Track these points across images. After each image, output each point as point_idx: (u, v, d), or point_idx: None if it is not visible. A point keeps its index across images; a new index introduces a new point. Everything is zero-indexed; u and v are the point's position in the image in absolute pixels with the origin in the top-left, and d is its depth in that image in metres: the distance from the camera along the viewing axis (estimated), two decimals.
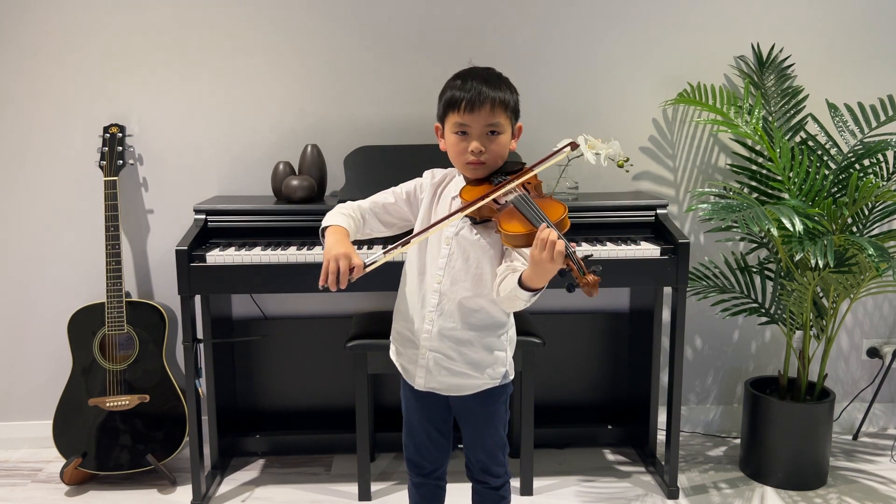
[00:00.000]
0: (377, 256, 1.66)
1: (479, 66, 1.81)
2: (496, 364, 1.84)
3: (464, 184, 1.80)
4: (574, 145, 1.77)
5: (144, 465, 2.73)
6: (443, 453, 1.99)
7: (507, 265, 1.71)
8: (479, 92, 1.70)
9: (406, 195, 1.89)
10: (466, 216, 1.72)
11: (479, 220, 1.74)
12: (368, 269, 1.67)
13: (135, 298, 2.89)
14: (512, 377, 1.90)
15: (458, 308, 1.79)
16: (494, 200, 1.69)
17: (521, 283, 1.61)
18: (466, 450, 1.96)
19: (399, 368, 1.94)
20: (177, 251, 2.44)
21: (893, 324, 3.18)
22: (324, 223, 1.82)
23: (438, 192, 1.86)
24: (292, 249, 2.51)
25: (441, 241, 1.80)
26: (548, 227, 1.54)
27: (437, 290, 1.79)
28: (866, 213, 2.72)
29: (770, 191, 2.78)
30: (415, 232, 1.81)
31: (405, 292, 1.89)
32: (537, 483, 2.71)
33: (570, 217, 1.64)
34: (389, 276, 1.98)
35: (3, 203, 2.93)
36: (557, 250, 1.50)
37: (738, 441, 2.99)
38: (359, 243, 2.55)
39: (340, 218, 1.81)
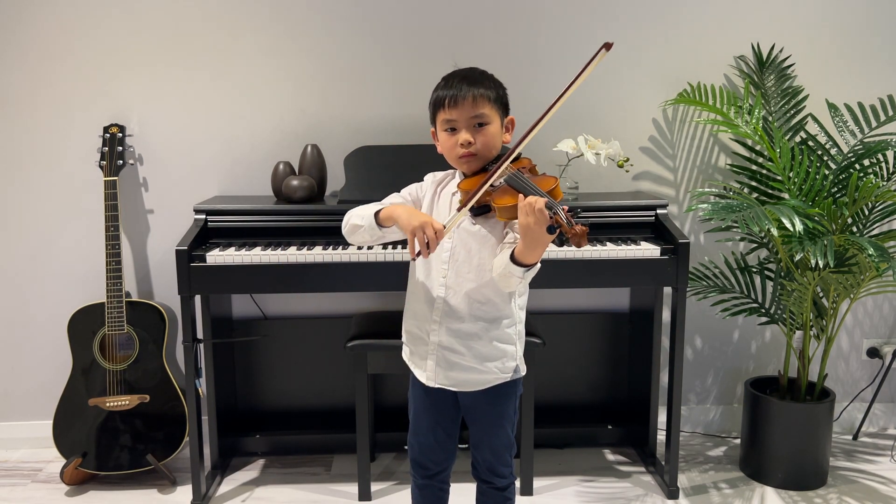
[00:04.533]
0: (451, 217, 1.73)
1: (466, 66, 1.86)
2: (505, 358, 1.85)
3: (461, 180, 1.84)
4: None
5: (144, 465, 2.73)
6: (448, 455, 1.99)
7: (505, 242, 1.75)
8: (459, 87, 1.76)
9: (410, 197, 1.93)
10: (466, 207, 1.75)
11: (478, 209, 1.77)
12: (448, 230, 1.71)
13: (135, 298, 2.89)
14: (523, 373, 1.90)
15: (465, 301, 1.80)
16: (491, 185, 1.72)
17: (513, 259, 1.64)
18: (473, 449, 1.97)
19: (410, 367, 1.95)
20: (177, 251, 2.44)
21: (893, 324, 3.18)
22: (368, 211, 1.83)
23: (438, 190, 1.90)
24: (292, 249, 2.51)
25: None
26: (533, 194, 1.58)
27: (442, 283, 1.82)
28: (866, 213, 2.72)
29: (770, 191, 2.78)
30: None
31: (412, 289, 1.91)
32: (537, 483, 2.71)
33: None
34: (389, 276, 1.98)
35: (4, 203, 2.93)
36: (539, 207, 1.53)
37: (738, 441, 2.99)
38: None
39: (393, 198, 1.86)
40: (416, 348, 1.91)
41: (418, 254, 1.71)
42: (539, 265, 1.67)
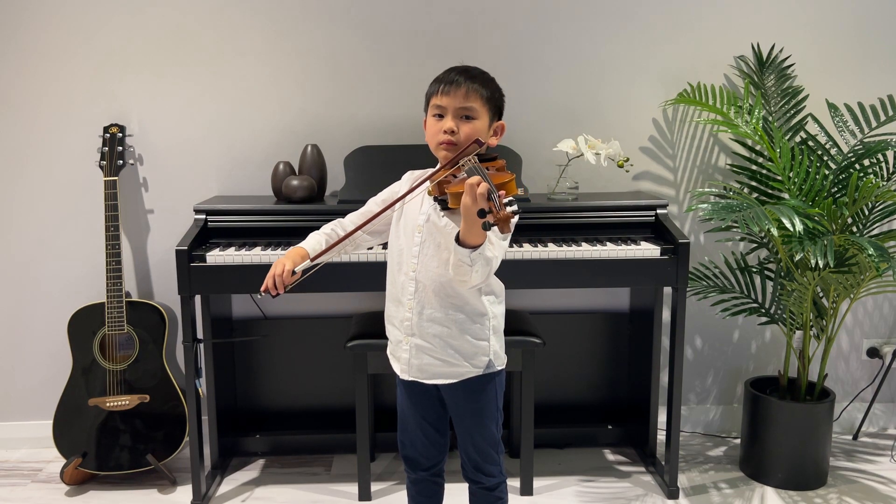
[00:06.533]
0: (305, 264, 1.82)
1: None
2: (478, 353, 1.86)
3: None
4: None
5: (144, 465, 2.73)
6: (439, 450, 2.00)
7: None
8: (456, 78, 1.80)
9: (382, 201, 1.96)
10: (435, 200, 1.76)
11: (443, 201, 1.77)
12: (302, 275, 1.79)
13: (135, 298, 2.89)
14: (499, 368, 1.91)
15: (435, 294, 1.82)
16: (454, 175, 1.74)
17: (458, 242, 1.65)
18: (459, 448, 1.98)
19: (390, 360, 1.97)
20: (177, 251, 2.44)
21: (893, 324, 3.18)
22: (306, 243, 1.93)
23: (413, 186, 1.90)
24: None
25: (413, 229, 1.85)
26: (479, 178, 1.60)
27: (412, 277, 1.84)
28: (866, 213, 2.72)
29: (770, 191, 2.78)
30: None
31: (388, 285, 1.94)
32: (537, 483, 2.71)
33: (569, 217, 1.66)
34: None
35: (4, 203, 2.93)
36: (479, 192, 1.55)
37: (738, 441, 3.00)
38: None
39: (309, 240, 1.93)
40: (392, 341, 1.94)
41: (266, 290, 1.79)
42: (490, 257, 1.67)
